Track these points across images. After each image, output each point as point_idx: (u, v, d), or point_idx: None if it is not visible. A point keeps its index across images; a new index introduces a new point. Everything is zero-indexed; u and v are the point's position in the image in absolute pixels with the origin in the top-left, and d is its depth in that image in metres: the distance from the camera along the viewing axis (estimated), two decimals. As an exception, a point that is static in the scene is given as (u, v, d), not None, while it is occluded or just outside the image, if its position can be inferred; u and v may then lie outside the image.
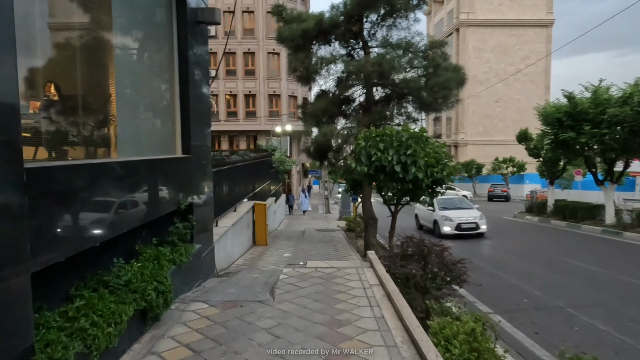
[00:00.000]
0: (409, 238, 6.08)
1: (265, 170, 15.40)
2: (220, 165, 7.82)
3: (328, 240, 12.74)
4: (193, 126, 5.39)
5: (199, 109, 5.69)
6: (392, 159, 7.22)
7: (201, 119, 5.78)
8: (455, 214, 15.48)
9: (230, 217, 8.96)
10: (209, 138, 6.18)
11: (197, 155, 5.56)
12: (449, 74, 9.76)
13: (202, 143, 5.81)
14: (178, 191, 4.87)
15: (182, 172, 5.09)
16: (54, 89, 3.00)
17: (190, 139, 5.27)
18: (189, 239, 5.08)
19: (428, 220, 16.68)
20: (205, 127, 6.02)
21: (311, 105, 11.41)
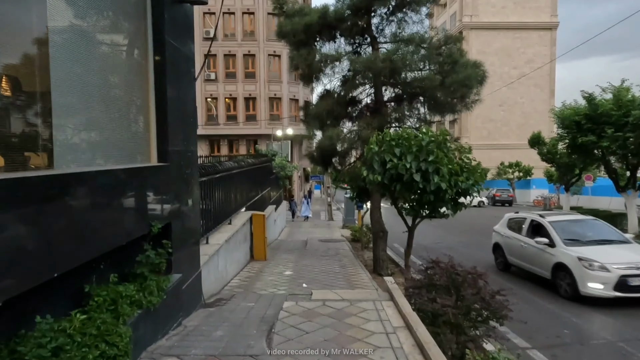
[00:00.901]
0: (435, 263, 5.03)
1: (264, 176, 14.38)
2: (211, 174, 6.79)
3: (333, 254, 11.67)
4: (173, 128, 4.37)
5: (182, 107, 4.67)
6: (410, 167, 6.18)
7: (184, 119, 4.75)
8: (605, 253, 8.17)
9: (224, 231, 7.92)
10: (194, 142, 5.15)
11: (178, 162, 4.53)
12: (469, 70, 8.75)
13: (185, 148, 4.78)
14: (150, 209, 3.84)
15: (157, 185, 4.06)
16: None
17: (168, 143, 4.24)
18: (165, 268, 4.04)
19: (531, 258, 9.54)
20: (190, 129, 5.00)
21: (314, 106, 10.39)
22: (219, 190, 7.78)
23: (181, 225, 4.60)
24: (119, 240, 3.28)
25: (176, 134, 4.48)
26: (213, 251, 6.53)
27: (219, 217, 7.83)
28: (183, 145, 4.70)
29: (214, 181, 7.22)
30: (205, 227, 6.76)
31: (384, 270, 10.19)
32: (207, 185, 6.75)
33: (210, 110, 36.65)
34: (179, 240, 4.48)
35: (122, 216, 3.37)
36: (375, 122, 9.24)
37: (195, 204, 5.12)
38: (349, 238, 16.05)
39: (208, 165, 6.63)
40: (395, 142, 6.55)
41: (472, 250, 14.16)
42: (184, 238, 4.66)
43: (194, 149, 5.06)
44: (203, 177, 6.45)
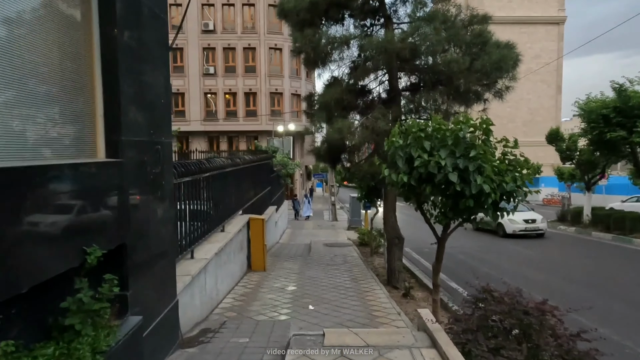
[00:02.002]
0: (488, 292, 3.77)
1: (264, 174, 13.11)
2: (196, 173, 5.51)
3: (341, 262, 10.41)
4: (129, 111, 3.10)
5: (146, 84, 3.39)
6: (445, 164, 4.89)
7: (150, 100, 3.48)
8: None
9: (215, 241, 6.66)
10: (167, 132, 3.87)
11: (139, 158, 3.26)
12: (503, 50, 7.46)
13: (152, 139, 3.50)
14: (87, 226, 2.57)
15: (102, 189, 2.78)
16: None
17: (121, 132, 2.97)
18: (116, 311, 2.78)
19: None
20: (161, 114, 3.73)
21: (321, 95, 9.09)
22: (208, 192, 6.51)
23: (144, 245, 3.33)
24: (19, 284, 2.01)
25: (136, 119, 3.21)
26: (199, 268, 5.26)
27: (209, 224, 6.56)
28: (148, 135, 3.42)
29: (200, 182, 5.95)
30: (189, 239, 5.50)
31: (400, 283, 8.92)
32: (190, 187, 5.48)
33: (209, 106, 35.40)
34: (140, 266, 3.21)
35: (33, 242, 2.10)
36: (392, 113, 7.95)
37: (169, 212, 3.85)
38: (356, 242, 14.80)
39: (191, 163, 5.36)
40: (425, 133, 5.26)
41: (493, 257, 12.89)
42: (148, 262, 3.39)
43: (166, 140, 3.78)
44: (185, 177, 5.18)
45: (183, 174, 5.03)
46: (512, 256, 12.85)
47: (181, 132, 30.49)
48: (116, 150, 2.94)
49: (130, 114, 3.10)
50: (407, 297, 8.24)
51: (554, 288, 9.15)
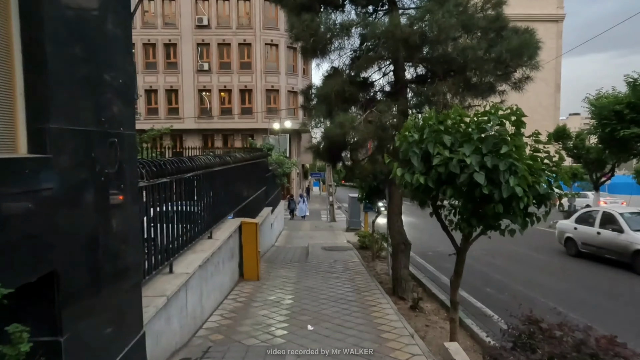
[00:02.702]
0: (535, 323, 2.96)
1: (259, 174, 12.28)
2: (174, 173, 4.68)
3: (341, 269, 9.60)
4: (64, 90, 2.27)
5: (93, 56, 2.57)
6: (471, 163, 4.09)
7: (99, 78, 2.65)
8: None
9: (200, 250, 5.84)
10: (128, 121, 3.04)
11: (82, 154, 2.43)
12: (525, 35, 6.68)
13: (104, 129, 2.68)
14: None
15: (18, 197, 1.96)
16: None
17: (50, 118, 2.14)
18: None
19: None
20: (119, 98, 2.90)
21: (320, 87, 8.27)
22: (192, 194, 5.69)
23: (89, 269, 2.51)
24: None
25: (75, 101, 2.38)
26: (177, 286, 4.44)
27: (193, 231, 5.73)
28: (97, 123, 2.59)
29: (181, 183, 5.12)
30: (166, 251, 4.68)
31: (407, 293, 8.13)
32: (168, 190, 4.65)
33: (203, 103, 34.48)
34: (81, 298, 2.39)
35: None
36: (399, 106, 7.14)
37: (132, 223, 3.02)
38: (356, 245, 14.00)
39: (169, 161, 4.53)
40: (445, 126, 4.46)
41: (502, 261, 12.12)
42: (96, 291, 2.57)
43: (127, 132, 2.95)
44: (160, 178, 4.35)
45: (157, 175, 4.21)
46: (521, 260, 12.10)
47: (174, 130, 29.61)
48: (43, 143, 2.11)
49: (66, 93, 2.28)
50: (416, 310, 7.45)
51: (574, 299, 8.39)
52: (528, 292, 8.80)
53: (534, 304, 8.12)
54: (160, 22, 33.62)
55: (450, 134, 4.44)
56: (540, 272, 10.67)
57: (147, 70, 33.76)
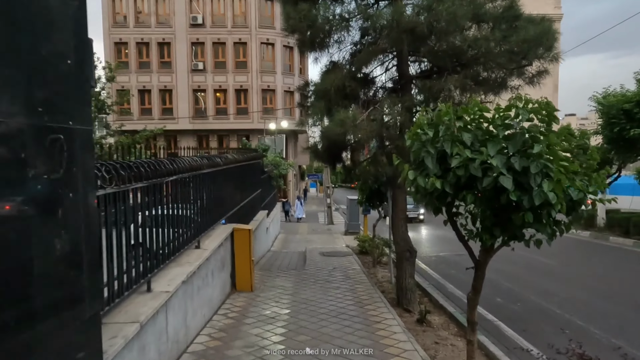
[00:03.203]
0: None
1: (254, 176, 11.66)
2: (151, 177, 4.05)
3: (341, 277, 8.99)
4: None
5: (20, 25, 1.95)
6: (496, 164, 3.50)
7: (32, 55, 2.03)
8: None
9: (185, 262, 5.21)
10: (81, 114, 2.42)
11: (2, 154, 1.81)
12: (544, 24, 6.11)
13: (42, 122, 2.06)
14: None
15: None
16: None
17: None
18: None
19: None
20: (65, 84, 2.27)
21: (318, 83, 7.66)
22: (175, 201, 5.06)
23: (16, 305, 1.89)
24: None
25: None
26: (154, 309, 3.81)
27: (177, 241, 5.11)
28: (29, 113, 1.98)
29: (160, 188, 4.50)
30: (143, 267, 4.06)
31: (413, 305, 7.54)
32: (142, 197, 4.02)
33: (198, 104, 33.83)
34: (4, 344, 1.77)
35: None
36: (405, 102, 6.55)
37: (83, 242, 2.39)
38: (355, 250, 13.40)
39: (144, 164, 3.90)
40: (464, 122, 3.86)
41: (509, 267, 11.56)
42: (27, 331, 1.95)
43: (78, 127, 2.33)
44: (134, 183, 3.73)
45: (129, 179, 3.58)
46: (529, 265, 11.51)
47: (168, 130, 28.94)
48: None
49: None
50: (423, 324, 6.85)
51: (595, 310, 7.81)
52: (542, 302, 8.23)
53: (550, 315, 7.57)
54: (153, 21, 32.95)
55: (469, 132, 3.86)
56: (552, 279, 10.09)
57: (140, 70, 33.09)
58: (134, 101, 32.79)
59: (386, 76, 8.57)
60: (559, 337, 6.53)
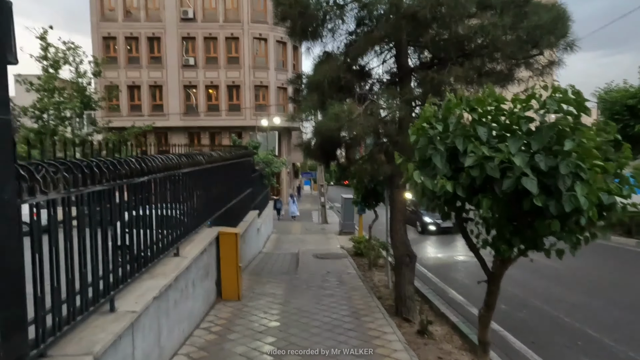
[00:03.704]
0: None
1: (243, 174, 11.06)
2: (112, 179, 3.45)
3: (336, 283, 8.44)
4: None
5: None
6: (519, 164, 2.95)
7: None
8: None
9: (159, 273, 4.63)
10: None
11: None
12: (557, 8, 5.58)
13: None
14: None
15: None
16: None
17: None
18: None
19: None
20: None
21: (311, 75, 7.08)
22: (149, 204, 4.47)
23: None
24: None
25: None
26: (115, 334, 3.23)
27: (149, 251, 4.52)
28: None
29: (128, 191, 3.90)
30: (105, 284, 3.47)
31: (413, 314, 7.01)
32: (102, 202, 3.43)
33: (189, 100, 33.09)
34: None
35: None
36: (405, 94, 5.99)
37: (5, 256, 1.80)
38: (350, 251, 12.86)
39: (104, 163, 3.31)
40: (479, 114, 3.31)
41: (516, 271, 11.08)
42: None
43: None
44: (90, 187, 3.13)
45: (84, 181, 2.99)
46: (533, 268, 10.97)
47: (159, 127, 28.18)
48: None
49: None
50: (425, 336, 6.32)
51: (606, 318, 7.33)
52: (549, 309, 7.75)
53: (559, 324, 7.07)
54: (143, 15, 32.12)
55: (484, 125, 3.31)
56: (559, 283, 9.60)
57: (130, 65, 32.29)
58: (123, 97, 31.99)
59: (383, 68, 8.01)
60: (572, 351, 6.06)
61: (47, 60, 21.94)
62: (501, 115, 3.37)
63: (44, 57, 21.88)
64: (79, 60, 22.72)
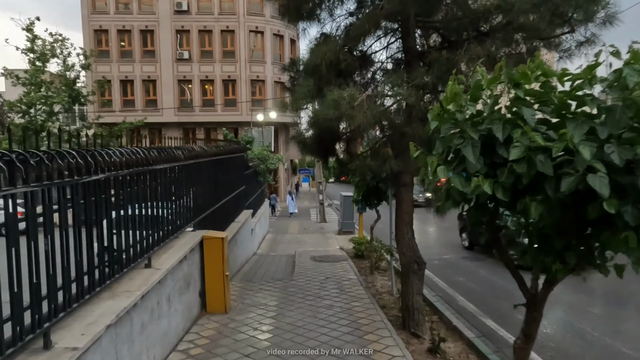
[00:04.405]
0: None
1: (235, 171, 10.25)
2: (56, 177, 2.64)
3: (335, 290, 7.64)
4: None
5: None
6: (587, 156, 2.14)
7: None
8: None
9: (123, 292, 3.82)
10: None
11: None
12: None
13: None
14: None
15: None
16: None
17: None
18: None
19: None
20: None
21: (307, 58, 6.23)
22: (109, 207, 3.66)
23: None
24: None
25: None
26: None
27: (110, 264, 3.71)
28: None
29: (82, 190, 3.09)
30: (36, 314, 2.66)
31: (422, 328, 6.23)
32: (46, 204, 2.61)
33: (183, 94, 32.18)
34: None
35: None
36: (415, 78, 5.17)
37: None
38: (350, 252, 12.08)
39: (57, 155, 2.50)
40: (525, 92, 2.50)
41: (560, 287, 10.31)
42: None
43: None
44: (16, 187, 2.32)
45: (27, 177, 2.18)
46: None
47: (152, 123, 27.31)
48: None
49: None
50: (437, 354, 5.55)
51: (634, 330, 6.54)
52: (577, 323, 6.93)
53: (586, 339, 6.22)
54: (135, 7, 31.16)
55: (530, 107, 2.52)
56: (614, 304, 8.00)
57: (122, 59, 31.37)
58: (115, 92, 31.13)
59: (387, 53, 7.17)
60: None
61: (33, 53, 21.06)
62: (552, 93, 2.56)
63: (31, 49, 20.99)
64: (66, 53, 21.81)
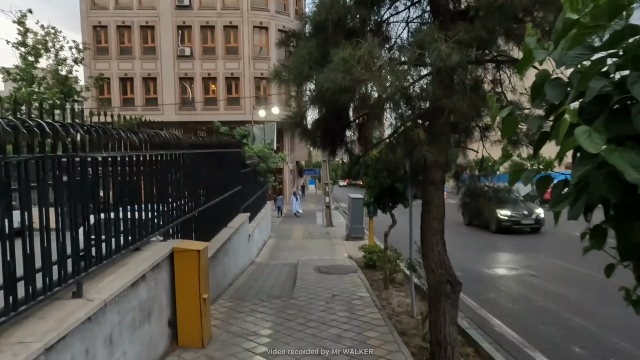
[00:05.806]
0: None
1: (228, 169, 8.88)
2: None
3: (343, 315, 6.20)
4: None
5: None
6: None
7: None
8: None
9: (16, 343, 2.43)
10: None
11: None
12: None
13: None
14: None
15: None
16: None
17: None
18: None
19: None
20: None
21: (312, 14, 4.80)
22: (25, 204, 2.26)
23: None
24: None
25: None
26: None
27: None
28: None
29: None
30: None
31: (457, 369, 4.77)
32: None
33: (185, 93, 30.97)
34: None
35: None
36: (458, 32, 3.74)
37: None
38: (360, 262, 10.63)
39: None
40: None
41: (550, 282, 8.77)
42: None
43: None
44: None
45: None
46: (576, 282, 8.69)
47: (152, 122, 26.12)
48: None
49: None
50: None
51: None
52: (599, 331, 5.45)
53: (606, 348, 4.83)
54: (135, 2, 30.06)
55: None
56: (604, 299, 7.12)
57: (122, 56, 30.25)
58: (114, 90, 30.04)
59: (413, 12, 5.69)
60: None
61: (25, 47, 19.94)
62: None
63: (22, 43, 19.88)
64: (59, 47, 20.67)
